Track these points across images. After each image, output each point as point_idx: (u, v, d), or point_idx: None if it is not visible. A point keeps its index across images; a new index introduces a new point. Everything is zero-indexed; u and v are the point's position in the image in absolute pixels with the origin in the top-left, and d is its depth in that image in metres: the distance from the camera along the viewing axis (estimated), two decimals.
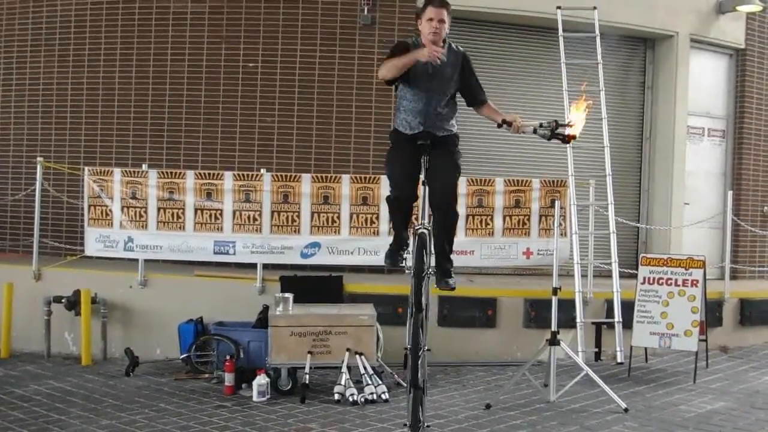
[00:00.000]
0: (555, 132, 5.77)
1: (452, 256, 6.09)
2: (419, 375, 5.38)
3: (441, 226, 5.89)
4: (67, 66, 11.58)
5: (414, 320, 5.43)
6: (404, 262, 6.06)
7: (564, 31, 10.43)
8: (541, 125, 5.77)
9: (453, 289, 6.03)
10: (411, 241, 5.93)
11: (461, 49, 6.03)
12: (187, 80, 11.25)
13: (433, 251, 5.91)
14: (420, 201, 5.91)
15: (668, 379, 9.25)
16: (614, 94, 12.19)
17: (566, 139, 5.93)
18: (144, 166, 10.06)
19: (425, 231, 5.71)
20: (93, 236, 9.95)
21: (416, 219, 6.27)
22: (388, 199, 6.07)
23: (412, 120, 5.89)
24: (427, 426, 5.69)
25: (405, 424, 5.95)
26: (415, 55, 5.63)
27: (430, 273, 5.82)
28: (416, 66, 5.78)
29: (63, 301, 9.56)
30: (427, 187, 5.82)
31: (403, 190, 5.88)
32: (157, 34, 11.30)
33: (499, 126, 5.83)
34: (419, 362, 5.37)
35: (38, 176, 10.18)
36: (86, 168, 10.12)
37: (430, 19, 5.77)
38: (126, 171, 10.01)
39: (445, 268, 5.97)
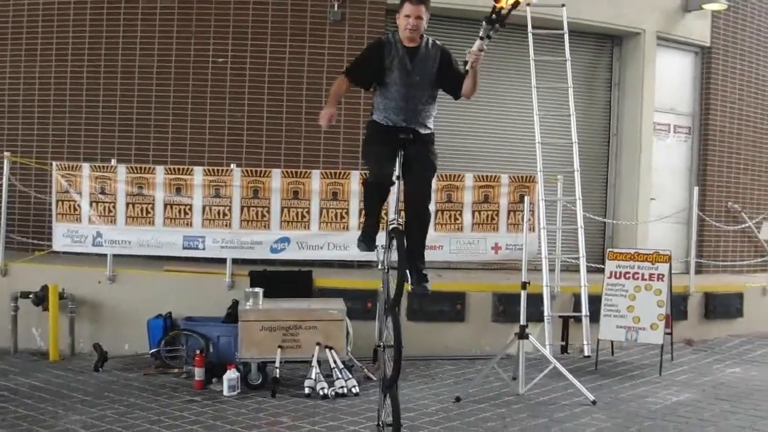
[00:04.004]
0: (493, 21, 5.54)
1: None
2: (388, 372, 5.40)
3: (416, 224, 5.81)
4: (35, 60, 11.48)
5: (395, 318, 5.43)
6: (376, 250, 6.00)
7: (533, 28, 10.51)
8: (481, 37, 5.62)
9: (428, 292, 5.95)
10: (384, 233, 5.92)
11: (439, 44, 6.01)
12: (156, 75, 11.20)
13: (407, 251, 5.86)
14: (393, 197, 5.86)
15: (634, 372, 9.37)
16: (582, 91, 12.31)
17: (501, 16, 5.61)
18: (113, 161, 10.02)
19: (399, 226, 5.67)
20: (61, 231, 9.88)
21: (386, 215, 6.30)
22: (365, 183, 6.01)
23: (394, 117, 5.81)
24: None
25: (380, 424, 5.87)
26: (323, 111, 5.82)
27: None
28: (394, 63, 5.79)
29: (30, 296, 9.48)
30: (401, 183, 5.78)
31: (384, 175, 5.78)
32: (125, 29, 11.24)
33: (466, 72, 5.75)
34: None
35: (5, 171, 10.11)
36: (54, 163, 10.05)
37: (407, 16, 5.75)
38: (94, 166, 9.96)
39: (420, 271, 5.90)
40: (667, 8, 12.96)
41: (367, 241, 5.96)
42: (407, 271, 5.61)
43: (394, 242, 5.60)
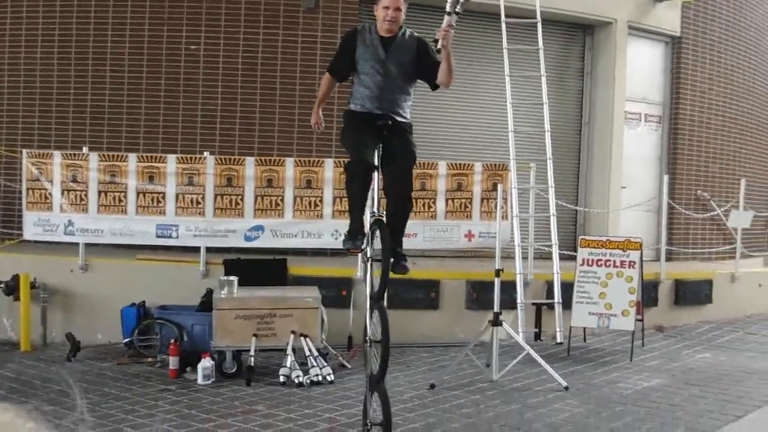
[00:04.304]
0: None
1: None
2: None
3: (397, 212, 5.83)
4: (4, 46, 11.34)
5: (381, 311, 5.46)
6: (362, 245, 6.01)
7: (506, 16, 10.54)
8: (448, 13, 5.58)
9: (408, 271, 5.98)
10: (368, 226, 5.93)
11: (416, 35, 6.03)
12: (128, 62, 11.10)
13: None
14: (375, 187, 5.86)
15: (606, 358, 9.47)
16: (554, 80, 12.37)
17: None
18: (84, 149, 9.94)
19: (381, 217, 5.69)
20: (32, 220, 9.79)
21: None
22: (347, 167, 6.02)
23: (369, 105, 5.86)
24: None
25: (367, 424, 5.82)
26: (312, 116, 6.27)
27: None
28: (367, 52, 5.82)
29: (1, 285, 9.40)
30: (381, 173, 5.77)
31: (365, 157, 5.77)
32: (97, 15, 11.13)
33: (439, 52, 5.76)
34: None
35: None
36: (24, 150, 9.96)
37: (386, 7, 5.76)
38: (66, 154, 9.88)
39: (399, 253, 5.95)
40: None
41: (353, 237, 5.97)
42: (390, 261, 5.64)
43: (377, 234, 5.61)
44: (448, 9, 5.54)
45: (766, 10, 15.41)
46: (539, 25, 10.58)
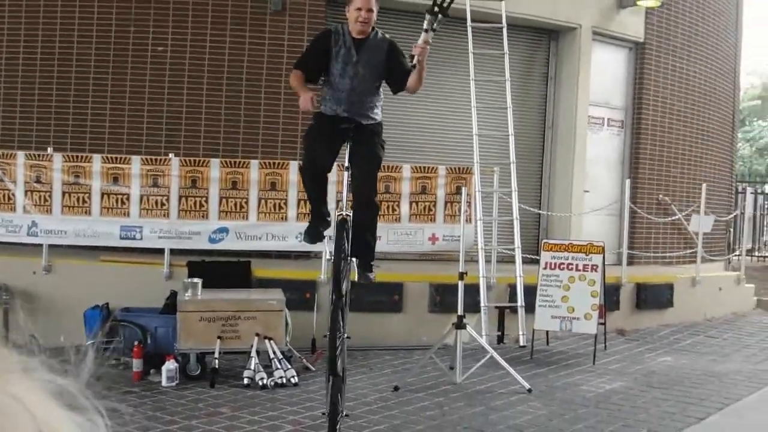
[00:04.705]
0: (435, 12, 5.63)
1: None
2: (339, 363, 5.45)
3: (364, 216, 5.93)
4: None
5: (333, 307, 5.50)
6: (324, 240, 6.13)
7: (472, 21, 10.62)
8: (425, 30, 5.72)
9: (372, 281, 6.08)
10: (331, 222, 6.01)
11: (388, 37, 6.11)
12: (94, 62, 11.03)
13: (352, 241, 5.95)
14: (343, 188, 5.96)
15: (569, 361, 9.57)
16: (518, 84, 12.47)
17: (443, 8, 5.65)
18: (49, 150, 9.87)
19: (346, 217, 5.77)
20: None
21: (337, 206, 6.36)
22: (300, 169, 6.13)
23: (337, 107, 5.95)
24: (345, 415, 5.77)
25: (323, 413, 5.99)
26: (300, 100, 5.86)
27: (350, 259, 5.87)
28: (339, 53, 5.88)
29: None
30: (348, 174, 5.88)
31: (316, 158, 5.87)
32: (63, 15, 11.04)
33: (414, 67, 5.85)
34: (339, 350, 5.44)
35: None
36: None
37: (359, 9, 5.83)
38: (30, 154, 9.81)
39: (367, 262, 6.01)
40: (603, 4, 13.19)
41: (310, 234, 6.07)
42: (353, 260, 5.72)
43: (336, 231, 5.69)
44: (425, 26, 5.64)
45: (727, 17, 15.62)
46: (504, 30, 10.67)
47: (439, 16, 5.62)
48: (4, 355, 0.85)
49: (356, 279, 6.00)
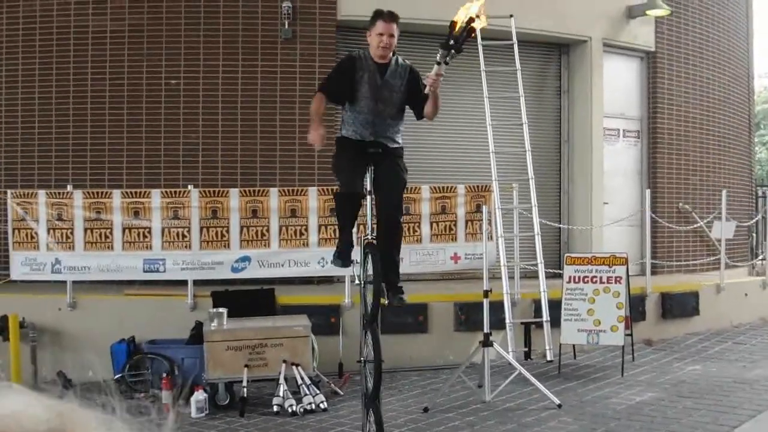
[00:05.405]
0: (449, 47, 5.69)
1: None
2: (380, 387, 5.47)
3: (389, 238, 5.97)
4: None
5: (374, 332, 5.52)
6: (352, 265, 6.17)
7: (482, 39, 10.64)
8: (438, 63, 5.80)
9: (404, 304, 6.12)
10: (358, 248, 6.03)
11: (408, 62, 6.22)
12: (108, 98, 11.15)
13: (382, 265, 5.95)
14: (367, 212, 6.01)
15: (597, 374, 9.51)
16: (532, 100, 12.43)
17: (457, 43, 5.73)
18: (68, 187, 9.95)
19: (372, 241, 5.79)
20: (19, 260, 9.78)
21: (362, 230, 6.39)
22: (336, 195, 6.17)
23: (363, 131, 6.01)
24: None
25: None
26: (312, 135, 6.04)
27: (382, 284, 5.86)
28: (363, 78, 5.96)
29: None
30: (372, 198, 5.93)
31: (354, 185, 5.94)
32: (76, 52, 11.18)
33: (426, 96, 5.95)
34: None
35: None
36: (9, 191, 9.95)
37: (380, 34, 5.95)
38: (50, 192, 9.88)
39: (395, 284, 6.04)
40: (612, 15, 13.19)
41: (343, 257, 6.10)
42: (382, 286, 5.74)
43: (369, 257, 5.71)
44: (438, 59, 5.72)
45: (737, 22, 15.61)
46: (515, 47, 10.67)
47: (452, 51, 5.70)
48: (89, 417, 0.88)
49: (387, 303, 6.00)
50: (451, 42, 5.66)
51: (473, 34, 5.90)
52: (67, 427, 0.95)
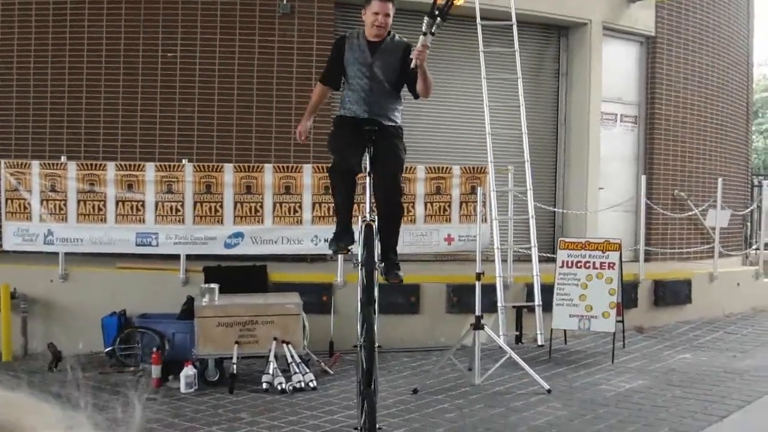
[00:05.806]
0: (434, 15, 5.65)
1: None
2: (373, 374, 5.42)
3: (387, 217, 5.97)
4: None
5: (367, 314, 5.48)
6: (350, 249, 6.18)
7: (481, 19, 10.58)
8: (423, 33, 5.75)
9: (402, 280, 6.14)
10: (357, 230, 6.02)
11: (404, 40, 6.18)
12: (104, 70, 11.07)
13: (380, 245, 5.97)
14: (366, 192, 6.00)
15: (588, 360, 9.52)
16: (530, 82, 12.39)
17: (442, 11, 5.68)
18: (62, 158, 9.89)
19: (371, 223, 5.77)
20: (11, 230, 9.73)
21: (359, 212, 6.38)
22: (329, 169, 6.16)
23: (357, 108, 6.02)
24: (379, 428, 5.73)
25: (356, 428, 5.95)
26: (299, 127, 6.49)
27: (379, 265, 5.88)
28: (353, 55, 5.94)
29: None
30: (371, 178, 5.91)
31: (347, 160, 5.92)
32: (72, 25, 11.08)
33: (414, 70, 5.89)
34: (374, 360, 5.42)
35: None
36: (2, 161, 9.88)
37: (376, 13, 5.92)
38: (44, 163, 9.82)
39: (392, 260, 6.06)
40: None
41: (337, 241, 6.10)
42: (381, 263, 5.77)
43: (364, 237, 5.71)
44: (423, 29, 5.67)
45: (737, 8, 15.54)
46: (515, 28, 10.61)
47: (438, 19, 5.65)
48: (46, 411, 0.83)
49: (384, 280, 6.03)
50: (437, 11, 5.63)
51: (458, 2, 5.84)
52: (15, 417, 0.89)
